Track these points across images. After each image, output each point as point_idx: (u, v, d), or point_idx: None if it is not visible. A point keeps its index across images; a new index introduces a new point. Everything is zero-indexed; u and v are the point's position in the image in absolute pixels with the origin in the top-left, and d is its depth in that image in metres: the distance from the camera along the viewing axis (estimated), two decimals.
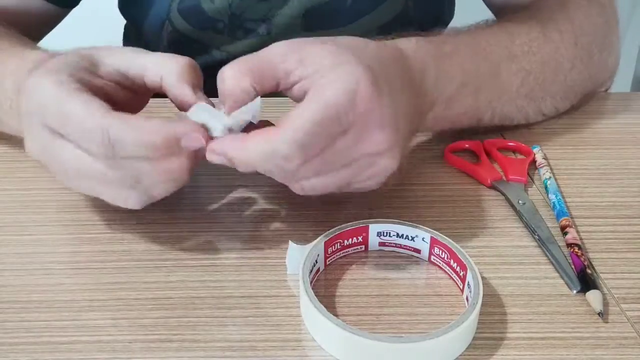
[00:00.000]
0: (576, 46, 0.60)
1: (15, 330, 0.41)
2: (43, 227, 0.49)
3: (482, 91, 0.54)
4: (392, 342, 0.38)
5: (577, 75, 0.61)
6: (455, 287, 0.44)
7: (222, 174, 0.53)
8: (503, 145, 0.58)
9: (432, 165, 0.55)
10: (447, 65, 0.51)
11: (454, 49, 0.53)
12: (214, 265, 0.46)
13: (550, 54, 0.58)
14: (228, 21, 0.72)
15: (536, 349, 0.40)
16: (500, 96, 0.56)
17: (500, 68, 0.55)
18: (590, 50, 0.62)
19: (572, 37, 0.60)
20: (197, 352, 0.39)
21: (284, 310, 0.42)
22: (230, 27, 0.72)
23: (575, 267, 0.45)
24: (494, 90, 0.55)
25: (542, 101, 0.60)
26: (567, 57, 0.59)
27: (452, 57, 0.52)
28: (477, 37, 0.56)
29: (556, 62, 0.59)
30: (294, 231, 0.48)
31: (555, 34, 0.59)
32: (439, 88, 0.51)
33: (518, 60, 0.56)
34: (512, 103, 0.57)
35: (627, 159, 0.57)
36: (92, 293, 0.43)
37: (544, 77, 0.58)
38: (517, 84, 0.57)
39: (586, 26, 0.61)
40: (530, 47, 0.57)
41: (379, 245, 0.47)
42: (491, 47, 0.55)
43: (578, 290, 0.44)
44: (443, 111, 0.52)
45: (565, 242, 0.47)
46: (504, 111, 0.57)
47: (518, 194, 0.52)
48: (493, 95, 0.56)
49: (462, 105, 0.54)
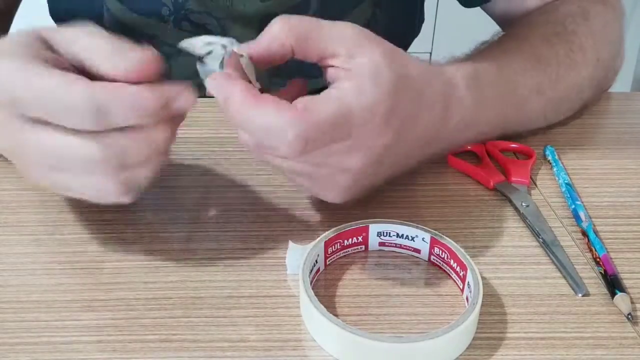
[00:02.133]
0: (597, 63, 0.60)
1: (15, 330, 0.41)
2: (43, 227, 0.49)
3: (509, 119, 0.54)
4: (392, 342, 0.38)
5: (594, 92, 0.62)
6: (455, 287, 0.44)
7: (222, 174, 0.53)
8: (505, 146, 0.58)
9: (434, 167, 0.55)
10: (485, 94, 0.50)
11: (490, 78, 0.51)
12: (214, 265, 0.46)
13: (574, 79, 0.58)
14: (172, 7, 0.65)
15: (536, 349, 0.40)
16: (522, 122, 0.56)
17: (528, 101, 0.55)
18: (608, 65, 0.62)
19: (594, 55, 0.60)
20: (197, 352, 0.39)
21: (284, 310, 0.42)
22: (176, 16, 0.66)
23: (607, 270, 0.44)
24: (517, 121, 0.56)
25: (557, 118, 0.60)
26: (587, 78, 0.59)
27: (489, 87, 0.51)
28: (505, 69, 0.54)
29: (578, 85, 0.59)
30: (294, 231, 0.48)
31: (579, 54, 0.58)
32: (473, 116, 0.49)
33: (544, 91, 0.56)
34: (529, 125, 0.58)
35: (627, 159, 0.57)
36: (92, 293, 0.43)
37: (565, 101, 0.59)
38: (539, 111, 0.57)
39: (605, 37, 0.61)
40: (557, 75, 0.56)
41: (379, 245, 0.47)
42: (520, 76, 0.54)
43: (583, 294, 0.43)
44: (469, 138, 0.52)
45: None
46: (518, 131, 0.57)
47: (521, 197, 0.51)
48: (517, 122, 0.56)
49: (490, 131, 0.53)
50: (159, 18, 0.66)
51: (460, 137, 0.50)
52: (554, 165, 0.55)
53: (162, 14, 0.66)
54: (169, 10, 0.65)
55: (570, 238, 0.48)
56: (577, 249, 0.47)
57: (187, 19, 0.66)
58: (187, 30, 0.66)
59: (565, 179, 0.53)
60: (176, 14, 0.66)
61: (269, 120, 0.39)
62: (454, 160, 0.56)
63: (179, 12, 0.65)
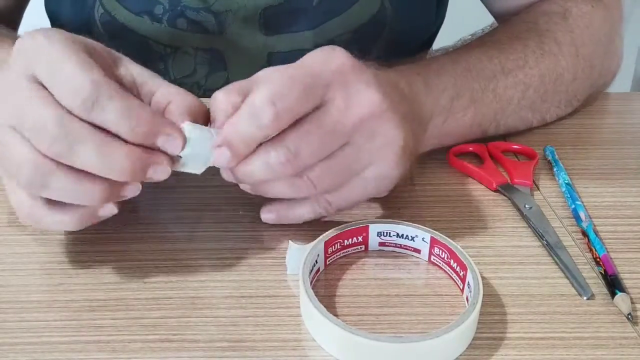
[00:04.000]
0: (577, 57, 0.60)
1: (15, 330, 0.41)
2: None
3: (480, 105, 0.54)
4: (392, 342, 0.38)
5: (579, 85, 0.61)
6: (455, 287, 0.44)
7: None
8: (507, 148, 0.58)
9: (436, 168, 0.55)
10: (435, 78, 0.52)
11: (440, 66, 0.53)
12: (214, 265, 0.46)
13: (549, 67, 0.58)
14: (168, 4, 0.64)
15: (536, 349, 0.40)
16: (502, 109, 0.56)
17: (495, 82, 0.55)
18: (592, 61, 0.61)
19: (572, 48, 0.59)
20: (197, 352, 0.39)
21: (284, 310, 0.42)
22: (171, 14, 0.65)
23: (607, 270, 0.44)
24: (492, 104, 0.55)
25: (546, 111, 0.60)
26: (568, 69, 0.59)
27: (439, 72, 0.52)
28: (465, 55, 0.55)
29: (557, 74, 0.58)
30: (294, 231, 0.48)
31: (553, 46, 0.59)
32: (430, 99, 0.50)
33: (514, 74, 0.56)
34: (515, 115, 0.57)
35: (627, 159, 0.57)
36: (92, 293, 0.43)
37: (545, 88, 0.58)
38: (518, 96, 0.56)
39: (587, 36, 0.61)
40: (526, 61, 0.57)
41: (379, 245, 0.47)
42: (482, 63, 0.55)
43: (588, 296, 0.43)
44: (443, 124, 0.52)
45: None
46: (508, 123, 0.57)
47: (524, 198, 0.51)
48: (494, 109, 0.55)
49: (463, 118, 0.53)
50: (152, 17, 0.65)
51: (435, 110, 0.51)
52: (554, 165, 0.55)
53: (155, 13, 0.65)
54: (163, 8, 0.65)
55: (571, 238, 0.48)
56: (577, 249, 0.47)
57: (184, 16, 0.65)
58: (182, 29, 0.65)
59: (565, 179, 0.53)
60: (171, 11, 0.65)
61: (238, 115, 0.41)
62: (456, 161, 0.56)
63: (174, 9, 0.64)
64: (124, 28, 0.66)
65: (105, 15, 0.66)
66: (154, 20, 0.65)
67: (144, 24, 0.65)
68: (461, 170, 0.55)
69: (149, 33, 0.66)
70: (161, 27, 0.65)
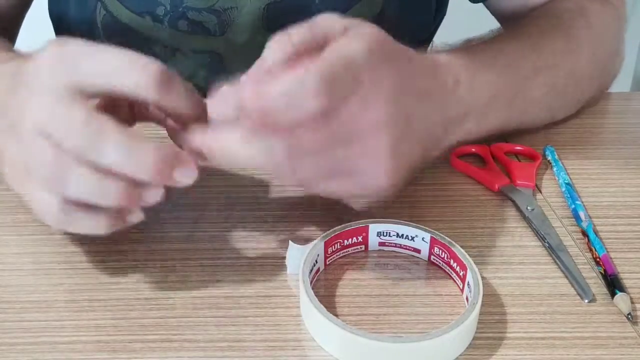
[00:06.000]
0: (594, 56, 0.60)
1: (15, 330, 0.41)
2: (43, 227, 0.48)
3: (513, 106, 0.54)
4: (392, 342, 0.38)
5: (590, 87, 0.61)
6: (455, 287, 0.44)
7: (223, 174, 0.53)
8: (510, 149, 0.57)
9: (437, 169, 0.55)
10: (482, 76, 0.50)
11: (486, 62, 0.52)
12: (214, 265, 0.46)
13: (572, 67, 0.58)
14: (169, 5, 0.64)
15: (536, 349, 0.40)
16: (527, 110, 0.56)
17: (528, 82, 0.54)
18: (605, 61, 0.62)
19: (591, 48, 0.59)
20: (197, 352, 0.39)
21: (284, 310, 0.42)
22: (172, 15, 0.64)
23: (607, 270, 0.44)
24: (522, 104, 0.55)
25: (558, 110, 0.60)
26: (585, 69, 0.59)
27: (486, 69, 0.51)
28: (504, 50, 0.54)
29: (576, 75, 0.58)
30: (294, 231, 0.48)
31: (576, 45, 0.58)
32: (472, 99, 0.49)
33: (544, 74, 0.55)
34: (535, 115, 0.57)
35: (627, 159, 0.57)
36: (92, 293, 0.43)
37: (565, 90, 0.58)
38: (541, 97, 0.56)
39: (603, 36, 0.61)
40: (555, 61, 0.56)
41: (379, 245, 0.47)
42: (518, 61, 0.54)
43: (590, 299, 0.43)
44: (476, 125, 0.51)
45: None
46: (526, 122, 0.57)
47: (527, 200, 0.51)
48: (522, 109, 0.55)
49: (495, 118, 0.52)
50: (154, 17, 0.65)
51: (462, 113, 0.49)
52: (554, 165, 0.55)
53: (157, 14, 0.65)
54: (165, 10, 0.64)
55: (571, 238, 0.48)
56: (577, 249, 0.47)
57: (185, 17, 0.65)
58: (183, 30, 0.65)
59: (565, 179, 0.53)
60: (172, 12, 0.64)
61: (284, 84, 0.38)
62: (458, 163, 0.55)
63: (176, 10, 0.64)
64: (125, 28, 0.66)
65: (107, 17, 0.66)
66: (155, 21, 0.65)
67: (145, 24, 0.65)
68: (463, 171, 0.55)
69: (149, 33, 0.66)
70: (162, 27, 0.65)
